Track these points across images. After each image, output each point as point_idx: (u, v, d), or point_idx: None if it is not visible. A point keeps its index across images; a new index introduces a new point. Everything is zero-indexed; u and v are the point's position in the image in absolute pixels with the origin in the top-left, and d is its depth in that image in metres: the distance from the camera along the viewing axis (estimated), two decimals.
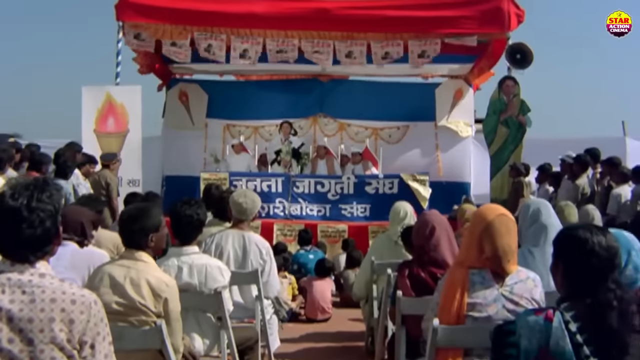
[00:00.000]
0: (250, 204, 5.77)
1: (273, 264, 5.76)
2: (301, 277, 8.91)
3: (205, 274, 4.53)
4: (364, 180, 11.52)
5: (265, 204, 11.03)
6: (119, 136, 11.51)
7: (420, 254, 4.63)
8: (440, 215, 4.79)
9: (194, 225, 4.57)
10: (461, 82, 13.82)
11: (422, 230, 4.63)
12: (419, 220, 4.75)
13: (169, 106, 14.12)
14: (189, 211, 4.55)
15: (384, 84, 14.32)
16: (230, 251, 5.66)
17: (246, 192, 5.96)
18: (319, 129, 14.11)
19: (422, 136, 13.74)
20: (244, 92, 14.19)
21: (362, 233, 10.83)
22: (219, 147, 13.80)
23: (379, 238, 6.78)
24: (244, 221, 5.79)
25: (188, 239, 4.59)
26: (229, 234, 5.74)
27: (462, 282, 3.54)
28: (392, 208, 6.63)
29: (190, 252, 4.57)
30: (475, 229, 3.60)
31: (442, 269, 4.51)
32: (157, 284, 3.69)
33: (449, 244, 4.62)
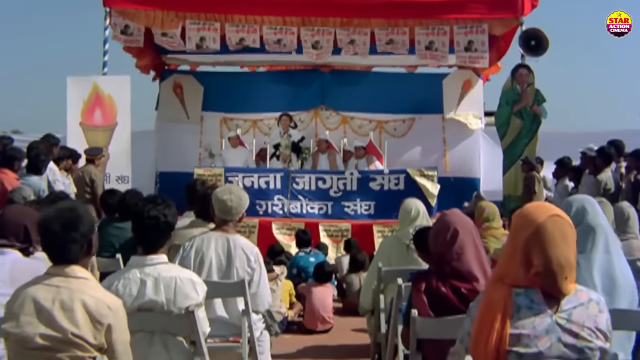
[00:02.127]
0: (236, 201, 4.84)
1: (263, 272, 4.85)
2: (301, 282, 8.07)
3: (175, 289, 3.60)
4: (368, 176, 10.98)
5: (263, 201, 10.73)
6: (106, 130, 10.70)
7: (440, 264, 3.70)
8: (464, 215, 3.85)
9: (160, 230, 3.64)
10: (470, 72, 13.12)
11: (442, 235, 3.70)
12: (438, 222, 3.80)
13: (163, 99, 13.52)
14: (154, 212, 3.63)
15: (388, 74, 13.91)
16: (213, 258, 4.75)
17: (231, 187, 5.02)
18: (320, 122, 13.56)
19: (429, 129, 13.21)
20: (241, 84, 13.64)
21: (366, 232, 10.28)
22: (215, 141, 13.30)
23: (387, 241, 5.84)
24: (228, 222, 4.87)
25: (153, 245, 3.66)
26: (210, 237, 4.82)
27: (502, 306, 2.60)
28: (402, 206, 5.72)
29: (155, 262, 3.64)
30: (520, 234, 2.65)
31: (467, 282, 3.62)
32: (97, 307, 2.76)
33: (476, 251, 3.69)
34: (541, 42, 10.70)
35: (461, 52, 11.06)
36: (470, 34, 10.91)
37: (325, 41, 11.16)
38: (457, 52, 11.10)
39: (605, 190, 8.76)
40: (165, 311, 3.59)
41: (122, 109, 10.76)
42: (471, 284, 3.62)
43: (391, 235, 6.21)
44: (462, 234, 3.68)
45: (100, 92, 10.71)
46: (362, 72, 13.78)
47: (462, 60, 11.27)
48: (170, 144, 13.14)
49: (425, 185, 10.74)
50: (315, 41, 11.19)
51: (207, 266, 4.71)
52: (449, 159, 13.08)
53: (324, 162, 12.23)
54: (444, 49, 11.10)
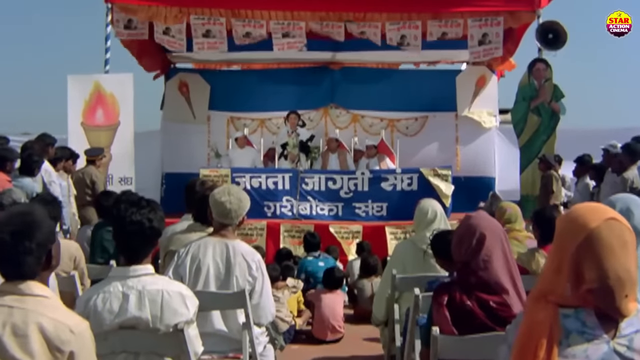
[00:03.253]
0: (236, 203, 4.37)
1: (266, 281, 4.39)
2: (310, 289, 7.61)
3: (162, 304, 3.14)
4: (380, 176, 10.57)
5: (272, 202, 10.41)
6: (109, 129, 10.36)
7: (465, 274, 3.21)
8: (491, 218, 3.36)
9: (145, 236, 3.18)
10: (484, 68, 12.73)
11: (466, 241, 3.21)
12: (462, 226, 3.30)
13: (168, 98, 13.16)
14: (138, 216, 3.17)
15: (400, 71, 13.61)
16: (210, 266, 4.29)
17: (230, 188, 4.53)
18: (330, 121, 13.19)
19: (442, 127, 12.83)
20: (249, 82, 13.27)
21: (378, 234, 9.85)
22: (222, 141, 12.96)
23: (402, 245, 5.34)
24: (227, 226, 4.40)
25: (137, 255, 3.20)
26: (208, 243, 4.36)
27: (547, 331, 2.11)
28: (418, 207, 5.23)
29: (139, 273, 3.17)
30: (568, 242, 2.15)
31: (495, 294, 3.14)
32: (57, 331, 2.28)
33: (505, 259, 3.20)
34: (559, 35, 10.28)
35: (474, 47, 10.63)
36: (485, 26, 10.49)
37: (336, 34, 10.83)
38: (471, 47, 10.68)
39: (632, 189, 8.25)
40: (150, 329, 3.13)
41: (124, 108, 10.43)
42: (500, 297, 3.13)
43: (406, 240, 5.72)
44: (489, 240, 3.18)
45: (102, 91, 10.39)
46: (372, 69, 13.44)
47: (476, 55, 10.84)
48: (177, 145, 12.80)
49: (438, 185, 10.36)
50: (325, 34, 10.92)
51: (204, 275, 4.27)
52: (461, 158, 12.76)
53: (334, 162, 11.89)
54: (458, 43, 10.76)
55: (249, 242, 9.53)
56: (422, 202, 5.31)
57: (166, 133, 13.02)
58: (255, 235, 9.88)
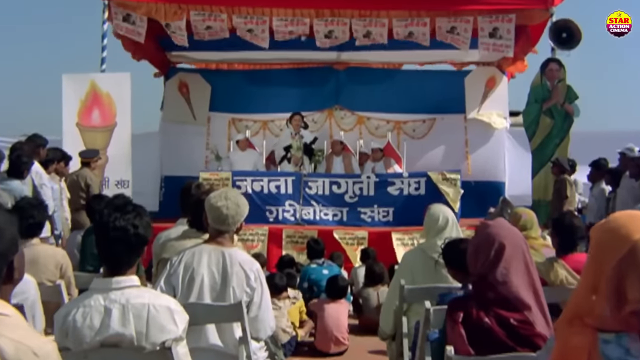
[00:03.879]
0: (233, 208, 4.11)
1: (265, 292, 4.13)
2: (313, 298, 7.38)
3: (148, 319, 2.89)
4: (386, 180, 10.48)
5: (274, 207, 10.30)
6: (105, 130, 10.17)
7: (482, 288, 2.96)
8: (511, 226, 3.11)
9: (129, 244, 2.93)
10: (494, 69, 12.66)
11: (483, 251, 2.96)
12: (478, 235, 3.05)
13: (168, 99, 13.01)
14: (122, 222, 2.91)
15: (407, 72, 13.52)
16: (205, 275, 4.02)
17: (227, 192, 4.26)
18: (334, 123, 13.10)
19: (451, 130, 12.71)
20: (251, 83, 13.12)
21: (384, 240, 9.67)
22: (223, 143, 12.76)
23: (411, 254, 5.08)
24: (224, 233, 4.14)
25: (120, 265, 2.95)
26: (203, 250, 4.10)
27: (585, 358, 1.85)
28: (428, 214, 4.99)
29: (123, 285, 2.92)
30: (607, 256, 1.89)
31: (516, 311, 2.90)
32: (17, 353, 2.00)
33: (527, 272, 2.96)
34: (573, 34, 10.12)
35: (485, 38, 10.38)
36: (495, 22, 10.28)
37: (341, 31, 10.63)
38: (481, 39, 10.43)
39: None
40: (135, 347, 2.88)
41: (122, 108, 10.26)
42: (522, 314, 2.89)
43: (415, 248, 5.43)
44: (509, 250, 2.93)
45: (98, 90, 10.21)
46: (379, 69, 13.29)
47: (486, 47, 10.55)
48: (176, 147, 12.65)
49: (447, 189, 10.25)
50: (329, 31, 10.65)
51: (198, 285, 4.01)
52: (470, 162, 12.62)
53: (339, 165, 11.71)
54: (467, 35, 10.41)
55: (250, 248, 9.58)
56: (432, 208, 5.06)
57: (165, 135, 12.87)
58: (257, 241, 9.76)
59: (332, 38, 10.69)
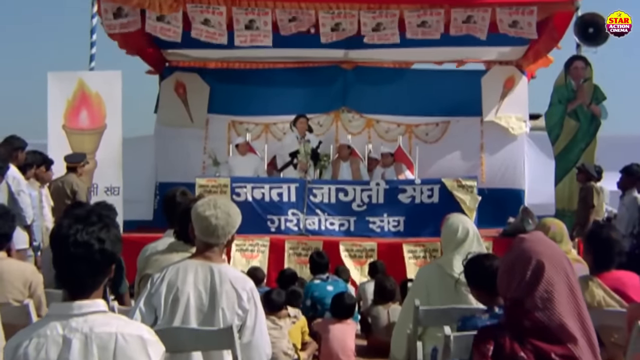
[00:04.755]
0: (223, 218, 3.78)
1: (260, 314, 3.79)
2: (317, 317, 7.07)
3: (115, 351, 2.54)
4: (397, 187, 10.34)
5: (276, 216, 10.19)
6: (93, 133, 9.98)
7: (517, 315, 2.62)
8: (551, 241, 2.75)
9: (93, 262, 2.58)
10: (512, 68, 12.62)
11: (519, 271, 2.61)
12: (513, 252, 2.69)
13: (163, 100, 12.95)
14: (84, 236, 2.57)
15: (419, 71, 13.44)
16: (191, 295, 3.69)
17: (217, 200, 3.92)
18: (341, 126, 13.07)
19: (466, 134, 12.69)
20: (252, 83, 13.09)
21: (395, 252, 9.55)
22: (222, 147, 12.65)
23: (427, 270, 4.74)
24: (213, 246, 3.80)
25: (83, 287, 2.60)
26: (188, 266, 3.76)
27: None
28: (446, 225, 4.67)
29: (86, 311, 2.57)
30: None
31: (559, 344, 2.53)
32: None
33: (572, 297, 2.62)
34: (600, 29, 9.91)
35: (505, 27, 10.21)
36: (516, 14, 10.13)
37: (348, 23, 10.47)
38: (501, 28, 10.27)
39: None
40: None
41: (112, 109, 10.09)
42: (565, 347, 2.55)
43: (431, 263, 5.12)
44: (550, 270, 2.57)
45: (86, 90, 10.04)
46: (389, 68, 13.20)
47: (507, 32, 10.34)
48: (172, 151, 12.60)
49: (463, 197, 10.05)
50: (336, 24, 10.51)
51: (182, 307, 3.67)
52: (487, 168, 12.59)
53: (346, 171, 11.62)
54: (484, 23, 10.20)
55: (249, 258, 9.51)
56: (450, 218, 4.72)
57: (160, 138, 12.79)
58: (257, 252, 9.66)
59: (339, 31, 10.57)
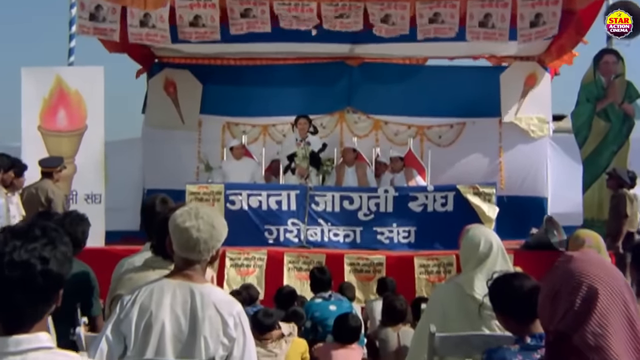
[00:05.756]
0: (206, 230, 3.47)
1: (249, 343, 3.48)
2: (318, 341, 6.80)
3: None
4: (408, 194, 10.27)
5: (274, 226, 10.16)
6: (72, 135, 9.92)
7: (563, 353, 2.29)
8: (604, 261, 2.39)
9: (35, 287, 2.25)
10: (534, 64, 12.54)
11: (565, 297, 2.28)
12: (557, 272, 2.36)
13: (152, 99, 13.00)
14: (24, 254, 2.25)
15: (432, 68, 13.46)
16: (167, 321, 3.39)
17: (199, 209, 3.60)
18: (346, 128, 13.11)
19: (483, 136, 12.74)
20: (249, 81, 13.11)
21: (405, 267, 9.46)
22: (216, 151, 12.78)
23: (444, 291, 4.42)
24: (194, 263, 3.50)
25: (21, 318, 2.28)
26: (165, 287, 3.46)
27: None
28: (466, 237, 4.36)
29: (26, 347, 2.26)
30: None
31: None
32: None
33: (631, 332, 2.27)
34: (635, 19, 9.72)
35: (525, 29, 10.16)
36: (539, 5, 10.05)
37: (354, 14, 10.48)
38: (520, 29, 10.22)
39: None
40: None
41: (93, 108, 10.02)
42: None
43: (449, 282, 4.77)
44: (605, 298, 2.21)
45: (65, 87, 10.00)
46: (398, 65, 13.18)
47: (526, 38, 10.29)
48: (161, 156, 12.62)
49: (480, 206, 9.98)
50: (340, 14, 10.53)
51: (156, 335, 3.37)
52: (506, 174, 12.65)
53: (351, 177, 11.57)
54: (504, 26, 10.19)
55: (244, 274, 9.37)
56: (471, 230, 4.38)
57: (148, 141, 12.80)
58: (253, 266, 9.55)
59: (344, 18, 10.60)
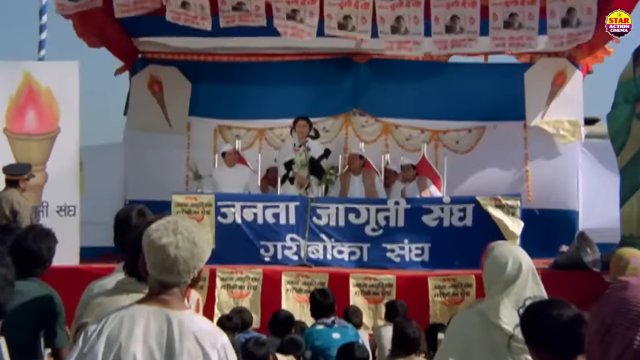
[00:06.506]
0: (186, 248, 3.27)
1: None
2: None
3: None
4: (421, 207, 10.24)
5: (271, 242, 10.12)
6: (43, 139, 9.77)
7: None
8: None
9: None
10: (563, 61, 12.40)
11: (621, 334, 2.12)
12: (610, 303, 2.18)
13: (135, 99, 12.95)
14: None
15: (448, 65, 13.31)
16: (139, 355, 3.19)
17: (179, 221, 3.41)
18: (352, 132, 13.09)
19: (506, 142, 12.66)
20: (244, 80, 13.11)
21: (418, 288, 9.40)
22: (207, 158, 12.73)
23: (465, 319, 4.24)
24: (171, 287, 3.31)
25: None
26: (137, 315, 3.27)
27: None
28: (490, 257, 4.17)
29: None
30: None
31: None
32: None
33: None
34: None
35: (556, 29, 10.06)
36: None
37: (360, 17, 10.38)
38: (550, 29, 10.13)
39: None
40: None
41: (67, 109, 9.86)
42: None
43: (471, 310, 4.56)
44: None
45: (34, 85, 9.84)
46: (410, 62, 12.98)
47: (557, 40, 10.20)
48: (145, 163, 12.59)
49: (503, 220, 9.91)
50: (345, 16, 10.40)
51: None
52: (533, 184, 12.48)
53: (358, 187, 11.53)
54: (532, 24, 10.03)
55: (238, 296, 9.29)
56: (496, 248, 4.18)
57: (131, 146, 12.74)
58: (247, 288, 9.51)
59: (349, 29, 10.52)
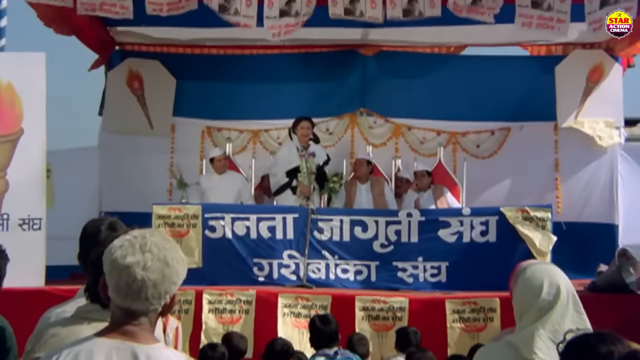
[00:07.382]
0: (157, 270, 3.08)
1: None
2: None
3: None
4: (437, 219, 10.18)
5: (265, 260, 10.02)
6: (4, 141, 9.68)
7: None
8: None
9: None
10: (600, 53, 12.36)
11: None
12: None
13: (111, 97, 12.87)
14: None
15: (467, 58, 13.37)
16: None
17: (147, 236, 3.22)
18: (359, 134, 13.00)
19: (534, 146, 12.60)
20: (236, 75, 13.13)
21: (434, 313, 9.24)
22: (193, 163, 12.69)
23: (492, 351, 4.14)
24: (138, 316, 3.13)
25: None
26: (95, 349, 3.09)
27: None
28: (521, 279, 4.00)
29: None
30: None
31: None
32: None
33: None
34: None
35: (594, 13, 9.86)
36: None
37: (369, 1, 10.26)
38: (589, 14, 9.95)
39: None
40: None
41: (32, 108, 9.72)
42: None
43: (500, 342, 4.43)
44: None
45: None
46: (424, 54, 13.21)
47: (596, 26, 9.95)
48: (123, 169, 12.61)
49: (531, 235, 9.77)
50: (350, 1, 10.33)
51: None
52: (564, 193, 12.41)
53: (365, 197, 11.45)
54: (563, 7, 9.90)
55: (228, 322, 9.16)
56: (529, 269, 4.04)
57: (107, 150, 12.70)
58: (238, 312, 9.30)
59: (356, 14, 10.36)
